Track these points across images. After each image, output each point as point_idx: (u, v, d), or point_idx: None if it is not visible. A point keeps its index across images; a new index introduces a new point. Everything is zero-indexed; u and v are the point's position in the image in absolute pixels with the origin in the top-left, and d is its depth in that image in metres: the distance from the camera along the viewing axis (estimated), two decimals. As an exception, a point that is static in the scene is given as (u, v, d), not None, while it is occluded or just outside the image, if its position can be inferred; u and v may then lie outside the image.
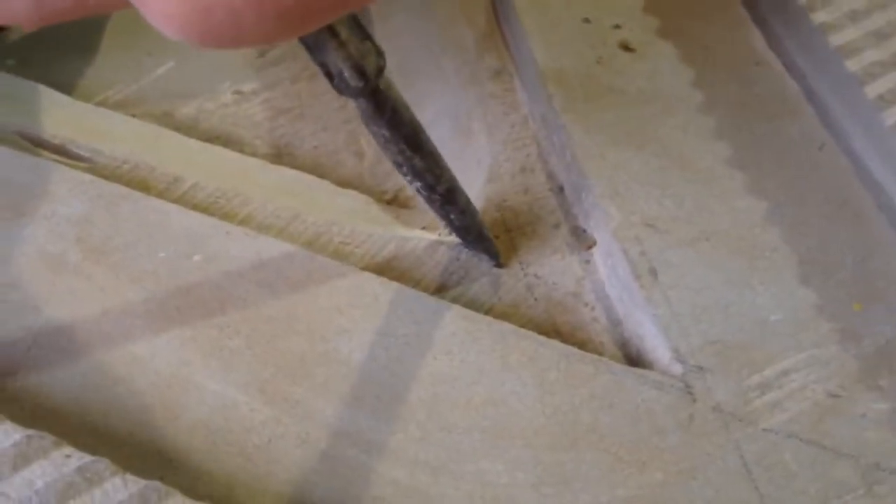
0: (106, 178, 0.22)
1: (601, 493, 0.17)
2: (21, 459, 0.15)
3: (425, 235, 0.21)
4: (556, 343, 0.19)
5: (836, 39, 0.22)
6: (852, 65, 0.22)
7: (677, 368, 0.19)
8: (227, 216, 0.21)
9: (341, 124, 0.25)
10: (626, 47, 0.24)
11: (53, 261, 0.19)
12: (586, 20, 0.24)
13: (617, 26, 0.24)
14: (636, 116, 0.23)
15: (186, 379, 0.18)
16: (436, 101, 0.24)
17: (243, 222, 0.21)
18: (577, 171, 0.22)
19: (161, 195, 0.21)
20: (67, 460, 0.15)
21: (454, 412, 0.18)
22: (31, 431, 0.16)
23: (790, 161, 0.22)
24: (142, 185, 0.22)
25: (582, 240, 0.22)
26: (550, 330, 0.20)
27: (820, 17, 0.23)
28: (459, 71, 0.25)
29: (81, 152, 0.22)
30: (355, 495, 0.16)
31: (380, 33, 0.25)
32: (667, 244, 0.20)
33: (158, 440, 0.17)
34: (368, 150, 0.25)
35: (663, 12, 0.24)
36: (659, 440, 0.17)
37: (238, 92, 0.26)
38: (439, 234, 0.21)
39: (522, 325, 0.20)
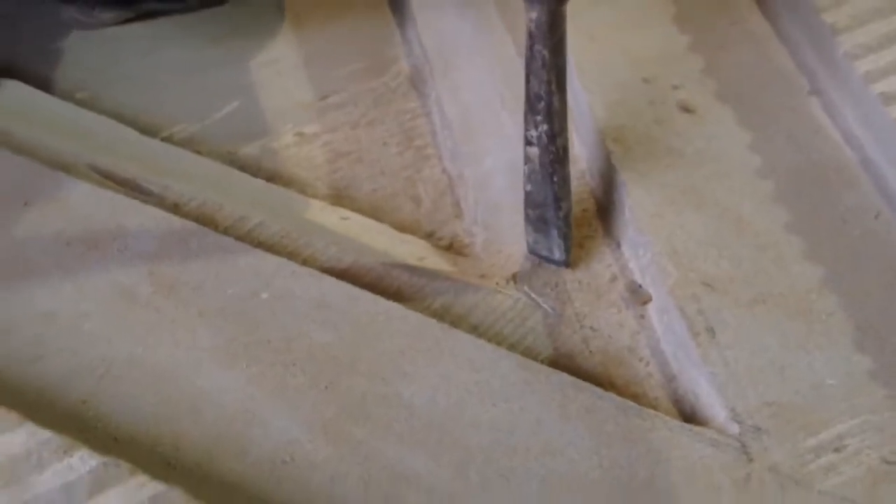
0: (174, 213, 0.23)
1: None
2: (97, 486, 0.16)
3: (484, 283, 0.22)
4: (613, 396, 0.20)
5: (880, 85, 0.23)
6: None
7: (734, 428, 0.19)
8: (291, 255, 0.22)
9: (399, 170, 0.26)
10: (685, 108, 0.25)
11: (126, 293, 0.20)
12: (646, 80, 0.25)
13: (676, 87, 0.25)
14: (694, 177, 0.24)
15: (252, 414, 0.18)
16: (496, 155, 0.25)
17: (307, 262, 0.22)
18: (634, 227, 0.22)
19: (227, 232, 0.22)
20: (142, 489, 0.16)
21: (512, 460, 0.18)
22: (107, 459, 0.17)
23: (847, 228, 0.23)
24: (209, 221, 0.23)
25: (637, 295, 0.23)
26: (605, 382, 0.21)
27: (879, 87, 0.24)
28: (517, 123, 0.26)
29: (151, 187, 0.23)
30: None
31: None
32: (724, 304, 0.21)
33: (226, 473, 0.17)
34: (426, 196, 0.26)
35: (722, 76, 0.25)
36: (715, 498, 0.18)
37: (300, 134, 0.27)
38: (496, 284, 0.22)
39: (578, 376, 0.21)
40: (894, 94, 0.25)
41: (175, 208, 0.23)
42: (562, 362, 0.22)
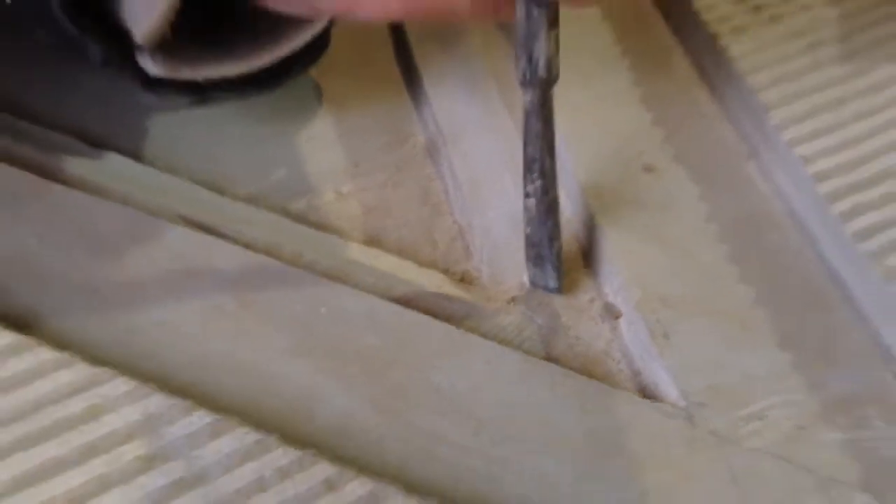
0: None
1: (629, 486, 0.25)
2: (213, 434, 0.24)
3: (490, 305, 0.30)
4: (593, 381, 0.27)
5: (812, 168, 0.31)
6: (823, 188, 0.31)
7: (682, 403, 0.27)
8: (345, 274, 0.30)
9: (419, 221, 0.34)
10: (648, 169, 0.34)
11: (216, 308, 0.28)
12: (617, 148, 0.34)
13: (641, 152, 0.33)
14: (655, 222, 0.32)
15: (317, 393, 0.26)
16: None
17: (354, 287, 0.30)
18: (609, 261, 0.30)
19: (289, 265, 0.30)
20: (246, 436, 0.23)
21: (515, 426, 0.26)
22: (218, 415, 0.24)
23: (774, 261, 0.31)
24: (274, 258, 0.31)
25: (611, 311, 0.30)
26: (586, 376, 0.29)
27: (800, 150, 0.32)
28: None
29: (227, 232, 0.31)
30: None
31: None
32: (677, 316, 0.29)
33: (300, 432, 0.25)
34: (441, 242, 0.34)
35: (678, 144, 0.34)
36: (667, 452, 0.25)
37: (338, 193, 0.35)
38: (500, 305, 0.30)
39: (565, 373, 0.28)
40: (811, 156, 0.33)
41: (247, 247, 0.31)
42: (552, 362, 0.29)
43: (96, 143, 0.34)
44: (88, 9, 0.30)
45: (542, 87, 0.28)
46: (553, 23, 0.27)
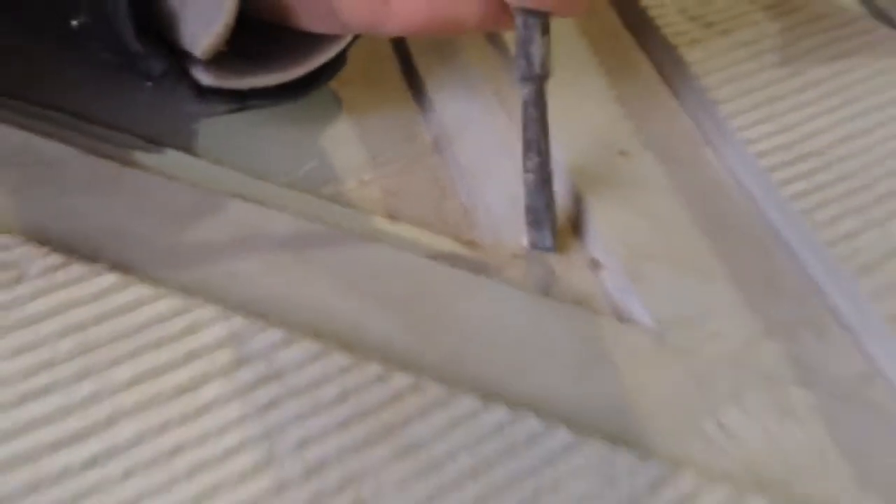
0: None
1: (612, 386, 0.33)
2: (283, 344, 0.31)
3: (496, 262, 0.38)
4: (582, 309, 0.35)
5: (755, 148, 0.40)
6: (763, 163, 0.39)
7: (655, 326, 0.35)
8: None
9: (431, 202, 0.42)
10: (622, 153, 0.42)
11: (275, 262, 0.35)
12: (596, 137, 0.42)
13: (616, 141, 0.42)
14: (629, 195, 0.40)
15: (363, 322, 0.34)
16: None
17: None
18: (594, 227, 0.38)
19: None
20: (309, 349, 0.31)
21: (522, 342, 0.34)
22: (284, 333, 0.32)
23: (727, 223, 0.39)
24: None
25: (596, 265, 0.38)
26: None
27: (745, 135, 0.40)
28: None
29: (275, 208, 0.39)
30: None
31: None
32: (652, 266, 0.37)
33: (348, 348, 0.33)
34: (450, 219, 0.42)
35: (646, 134, 0.42)
36: (639, 360, 0.33)
37: (360, 180, 0.43)
38: (504, 261, 0.38)
39: (559, 311, 0.36)
40: (754, 139, 0.41)
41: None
42: (549, 303, 0.37)
43: (155, 143, 0.41)
44: (150, 31, 0.38)
45: (537, 82, 0.36)
46: (545, 30, 0.35)
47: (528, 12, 0.34)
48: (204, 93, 0.39)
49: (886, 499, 0.30)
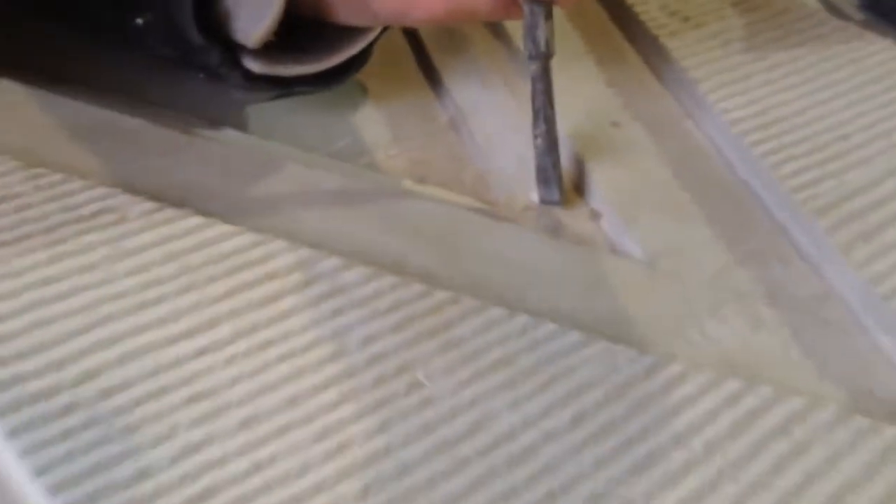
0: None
1: (612, 303, 0.41)
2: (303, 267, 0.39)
3: (513, 208, 0.46)
4: (587, 246, 0.43)
5: (729, 117, 0.48)
6: (736, 128, 0.48)
7: (646, 258, 0.43)
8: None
9: (451, 170, 0.50)
10: (614, 124, 0.50)
11: (319, 208, 0.43)
12: (591, 110, 0.50)
13: (609, 114, 0.50)
14: (622, 158, 0.48)
15: (393, 251, 0.41)
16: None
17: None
18: (594, 185, 0.46)
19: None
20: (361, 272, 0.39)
21: (532, 274, 0.41)
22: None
23: (705, 177, 0.47)
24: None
25: (595, 215, 0.47)
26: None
27: (720, 106, 0.49)
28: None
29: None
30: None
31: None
32: (641, 211, 0.45)
33: (370, 263, 0.41)
34: (468, 182, 0.50)
35: (634, 108, 0.50)
36: (631, 284, 0.41)
37: (387, 154, 0.51)
38: (517, 212, 0.46)
39: (566, 251, 0.44)
40: (728, 109, 0.50)
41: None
42: (557, 244, 0.45)
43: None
44: (208, 27, 0.45)
45: (543, 59, 0.44)
46: (548, 16, 0.44)
47: (534, 1, 0.43)
48: (253, 80, 0.46)
49: (839, 386, 0.38)
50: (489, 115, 0.51)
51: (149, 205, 0.40)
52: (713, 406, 0.34)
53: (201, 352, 0.34)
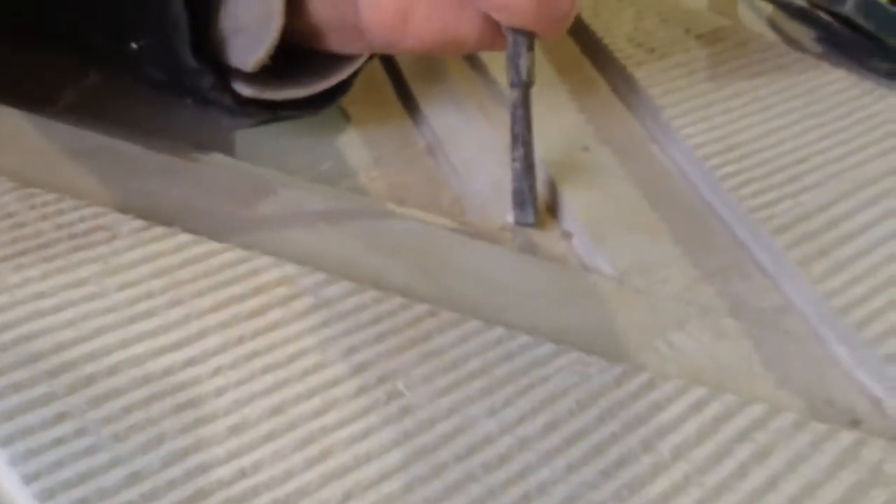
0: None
1: (584, 314, 0.41)
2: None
3: (489, 228, 0.46)
4: (558, 264, 0.44)
5: (692, 142, 0.49)
6: (699, 152, 0.48)
7: (616, 274, 0.43)
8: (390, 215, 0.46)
9: (429, 194, 0.50)
10: (584, 149, 0.51)
11: (312, 230, 0.44)
12: (565, 136, 0.51)
13: (580, 139, 0.51)
14: (592, 180, 0.49)
15: (369, 268, 0.42)
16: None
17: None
18: (566, 206, 0.47)
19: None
20: (339, 286, 0.39)
21: (508, 290, 0.42)
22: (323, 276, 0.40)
23: (670, 199, 0.48)
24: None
25: (567, 235, 0.47)
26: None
27: (685, 132, 0.50)
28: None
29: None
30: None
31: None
32: (610, 230, 0.45)
33: (350, 278, 0.41)
34: (445, 206, 0.50)
35: (603, 134, 0.51)
36: (603, 300, 0.41)
37: (368, 176, 0.51)
38: (492, 234, 0.46)
39: (539, 268, 0.45)
40: (691, 134, 0.50)
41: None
42: (530, 262, 0.46)
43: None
44: (202, 51, 0.46)
45: (523, 87, 0.45)
46: (530, 47, 0.44)
47: (517, 32, 0.43)
48: (242, 104, 0.46)
49: (798, 394, 0.38)
50: (465, 140, 0.51)
51: (139, 223, 0.40)
52: (680, 413, 0.35)
53: (189, 362, 0.34)
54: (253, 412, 0.33)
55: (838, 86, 0.55)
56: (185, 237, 0.40)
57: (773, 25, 0.60)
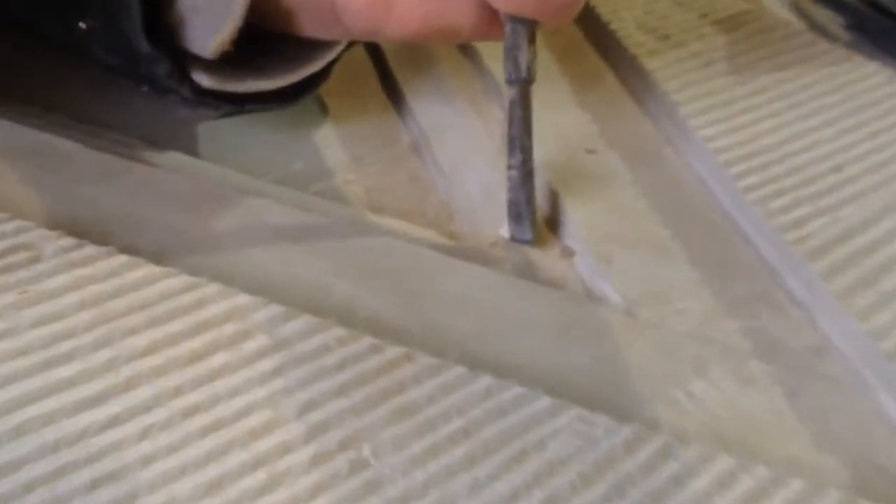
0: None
1: (586, 353, 0.34)
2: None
3: (479, 243, 0.39)
4: (558, 290, 0.36)
5: (712, 145, 0.41)
6: (720, 158, 0.41)
7: (623, 304, 0.36)
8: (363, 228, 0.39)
9: (412, 198, 0.43)
10: (589, 151, 0.43)
11: (272, 247, 0.36)
12: (566, 137, 0.43)
13: (584, 141, 0.43)
14: (596, 187, 0.41)
15: (342, 292, 0.35)
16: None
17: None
18: (566, 218, 0.40)
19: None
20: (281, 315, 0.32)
21: (501, 316, 0.35)
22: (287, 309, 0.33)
23: (685, 210, 0.41)
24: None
25: (568, 252, 0.40)
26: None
27: (702, 133, 0.42)
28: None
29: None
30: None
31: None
32: (617, 249, 0.38)
33: (313, 306, 0.34)
34: (430, 212, 0.43)
35: (610, 135, 0.44)
36: (613, 331, 0.34)
37: (345, 179, 0.44)
38: (483, 250, 0.39)
39: (536, 293, 0.37)
40: (711, 136, 0.43)
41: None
42: (526, 286, 0.38)
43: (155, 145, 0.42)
44: (157, 34, 0.38)
45: (523, 84, 0.37)
46: (532, 38, 0.37)
47: (517, 21, 0.36)
48: (201, 95, 0.39)
49: (841, 459, 0.31)
50: (455, 138, 0.44)
51: (67, 241, 0.33)
52: (703, 489, 0.28)
53: (112, 422, 0.28)
54: (184, 489, 0.26)
55: (873, 80, 0.47)
56: (120, 259, 0.33)
57: (797, 9, 0.53)
